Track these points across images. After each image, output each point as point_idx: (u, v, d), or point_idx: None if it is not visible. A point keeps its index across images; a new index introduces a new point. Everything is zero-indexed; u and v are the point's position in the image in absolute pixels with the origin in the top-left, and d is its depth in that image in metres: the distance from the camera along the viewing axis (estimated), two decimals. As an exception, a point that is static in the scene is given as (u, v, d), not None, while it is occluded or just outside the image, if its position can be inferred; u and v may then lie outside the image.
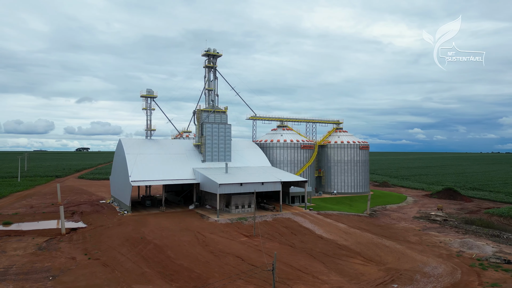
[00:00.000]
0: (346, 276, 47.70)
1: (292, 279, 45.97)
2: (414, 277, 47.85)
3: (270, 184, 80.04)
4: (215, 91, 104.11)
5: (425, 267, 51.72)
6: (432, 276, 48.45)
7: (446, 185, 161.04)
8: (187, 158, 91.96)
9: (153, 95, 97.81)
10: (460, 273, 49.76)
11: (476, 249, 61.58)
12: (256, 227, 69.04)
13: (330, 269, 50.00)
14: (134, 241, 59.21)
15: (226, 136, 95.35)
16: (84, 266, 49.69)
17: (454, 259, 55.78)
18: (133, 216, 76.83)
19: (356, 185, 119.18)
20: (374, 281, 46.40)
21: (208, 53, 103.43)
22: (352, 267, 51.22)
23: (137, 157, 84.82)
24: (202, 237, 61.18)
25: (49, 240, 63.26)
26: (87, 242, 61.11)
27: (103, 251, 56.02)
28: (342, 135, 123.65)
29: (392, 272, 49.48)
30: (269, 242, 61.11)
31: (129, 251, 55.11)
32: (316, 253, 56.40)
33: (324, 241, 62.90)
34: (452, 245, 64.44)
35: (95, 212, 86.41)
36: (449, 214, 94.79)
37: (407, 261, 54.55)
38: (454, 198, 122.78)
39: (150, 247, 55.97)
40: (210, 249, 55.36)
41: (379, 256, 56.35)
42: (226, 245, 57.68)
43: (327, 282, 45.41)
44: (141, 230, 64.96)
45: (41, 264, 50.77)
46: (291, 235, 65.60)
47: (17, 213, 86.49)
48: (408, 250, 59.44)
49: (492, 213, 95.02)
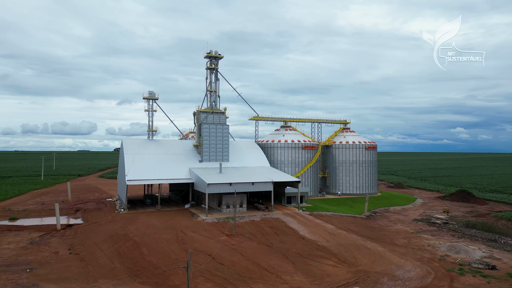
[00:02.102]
0: (310, 277, 47.48)
1: (254, 278, 46.36)
2: (380, 279, 46.90)
3: (261, 184, 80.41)
4: (217, 92, 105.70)
5: (397, 270, 50.51)
6: (401, 279, 47.29)
7: (466, 187, 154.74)
8: (185, 158, 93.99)
9: (155, 97, 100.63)
10: (433, 277, 48.24)
11: (463, 254, 59.24)
12: (242, 227, 69.75)
13: (297, 270, 49.90)
14: (117, 237, 61.55)
15: (224, 136, 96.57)
16: (62, 260, 52.37)
17: (433, 263, 54.03)
18: (127, 214, 79.62)
19: (362, 186, 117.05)
20: (337, 282, 45.94)
21: (209, 55, 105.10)
22: (321, 268, 50.84)
23: (135, 157, 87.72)
24: (182, 235, 62.63)
25: (44, 235, 66.92)
26: (76, 238, 64.14)
27: (86, 246, 58.66)
28: (348, 135, 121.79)
29: (360, 274, 48.72)
30: (248, 241, 61.60)
31: (109, 247, 57.42)
32: (291, 253, 56.33)
33: (305, 242, 62.61)
34: (439, 248, 62.32)
35: (97, 209, 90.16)
36: (453, 217, 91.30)
37: (382, 263, 53.42)
38: (467, 201, 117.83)
39: (129, 244, 58.04)
40: (185, 247, 56.65)
41: (354, 258, 55.51)
42: (203, 243, 58.79)
43: (288, 282, 45.44)
44: (128, 227, 67.32)
45: (25, 257, 53.97)
46: (273, 235, 65.77)
47: (27, 209, 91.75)
48: (388, 253, 58.12)
49: (501, 217, 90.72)
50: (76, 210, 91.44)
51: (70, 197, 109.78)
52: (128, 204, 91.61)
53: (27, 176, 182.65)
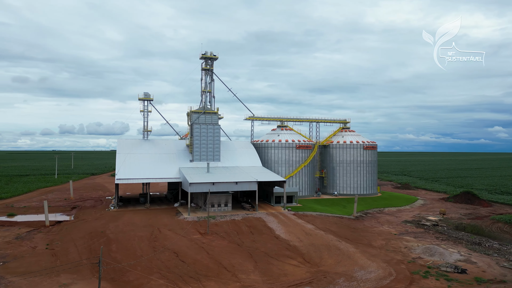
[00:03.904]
0: (266, 276, 47.76)
1: (209, 276, 47.13)
2: (336, 280, 46.60)
3: (245, 184, 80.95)
4: (211, 93, 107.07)
5: (359, 271, 49.99)
6: (357, 280, 46.81)
7: (477, 188, 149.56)
8: (177, 157, 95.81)
9: (150, 98, 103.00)
10: (392, 279, 47.49)
11: (437, 256, 57.81)
12: (220, 226, 70.66)
13: (256, 269, 50.27)
14: (94, 234, 63.80)
15: (215, 136, 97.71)
16: (36, 255, 54.91)
17: (400, 265, 53.06)
18: (115, 212, 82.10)
19: (360, 187, 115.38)
20: (291, 282, 46.03)
21: (205, 56, 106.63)
22: (282, 268, 50.98)
23: (126, 157, 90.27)
24: (157, 233, 64.16)
25: (31, 231, 70.13)
26: (59, 234, 66.90)
27: (64, 242, 61.17)
28: (347, 134, 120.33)
29: (318, 275, 48.56)
30: (220, 240, 62.40)
31: (83, 243, 59.66)
32: (258, 253, 56.69)
33: (277, 241, 62.75)
34: (414, 251, 61.00)
35: (92, 207, 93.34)
36: (448, 219, 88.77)
37: (346, 264, 52.96)
38: (471, 202, 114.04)
39: (102, 240, 60.07)
40: (154, 245, 58.10)
41: (320, 258, 55.26)
42: (174, 241, 60.04)
43: (241, 281, 45.93)
44: (109, 224, 69.56)
45: (5, 251, 56.88)
46: (248, 234, 66.24)
47: (27, 206, 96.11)
48: (358, 254, 57.46)
49: (499, 220, 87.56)
50: (73, 207, 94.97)
51: (73, 195, 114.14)
52: (121, 202, 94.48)
53: (43, 174, 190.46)
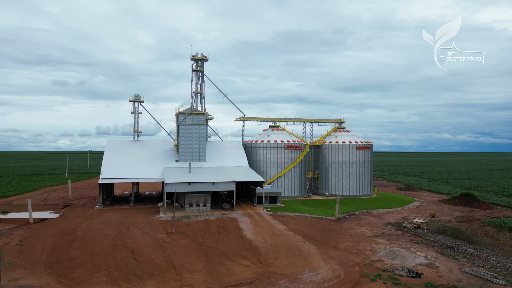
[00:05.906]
0: (210, 276, 48.16)
1: (154, 275, 48.01)
2: (279, 281, 46.38)
3: (222, 184, 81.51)
4: (202, 94, 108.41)
5: (307, 273, 49.53)
6: (300, 282, 46.41)
7: (483, 190, 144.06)
8: (163, 158, 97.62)
9: (140, 99, 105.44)
10: (336, 282, 46.79)
11: (398, 260, 56.40)
12: (190, 225, 71.58)
13: (204, 269, 50.76)
14: (66, 232, 66.14)
15: (201, 137, 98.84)
16: (4, 250, 57.49)
17: (354, 268, 52.13)
18: (98, 210, 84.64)
19: (353, 187, 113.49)
20: (232, 282, 46.21)
21: (195, 58, 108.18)
22: (231, 268, 51.21)
23: (112, 157, 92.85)
24: (125, 232, 65.77)
25: (14, 228, 73.41)
26: (37, 231, 69.70)
27: (36, 239, 63.77)
28: (341, 134, 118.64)
29: (263, 275, 48.50)
30: (183, 239, 63.25)
31: (52, 240, 61.99)
32: (215, 253, 57.13)
33: (240, 242, 62.94)
34: (378, 253, 59.72)
35: (82, 205, 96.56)
36: (436, 221, 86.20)
37: (299, 266, 52.56)
38: (469, 205, 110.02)
39: (69, 238, 62.24)
40: (116, 243, 59.61)
41: (275, 259, 55.08)
42: (136, 240, 61.38)
43: (182, 280, 46.55)
44: (84, 223, 71.89)
45: (-22, 247, 59.98)
46: (214, 234, 66.75)
47: (24, 204, 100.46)
48: (316, 256, 56.85)
49: (488, 223, 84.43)
50: (65, 206, 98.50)
51: (71, 193, 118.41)
52: (109, 202, 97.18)
53: (56, 174, 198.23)
